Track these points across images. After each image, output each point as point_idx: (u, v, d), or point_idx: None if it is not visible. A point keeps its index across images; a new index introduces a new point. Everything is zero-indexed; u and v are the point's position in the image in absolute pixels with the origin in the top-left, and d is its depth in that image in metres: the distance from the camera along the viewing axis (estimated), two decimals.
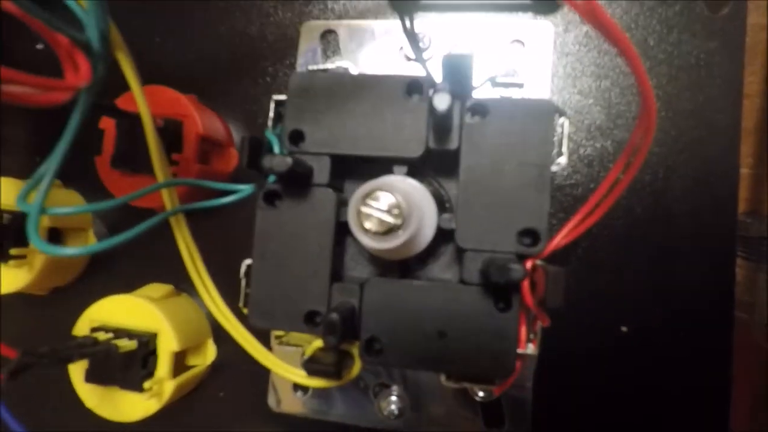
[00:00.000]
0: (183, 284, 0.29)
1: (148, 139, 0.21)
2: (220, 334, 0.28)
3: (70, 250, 0.16)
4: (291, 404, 0.27)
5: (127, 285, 0.29)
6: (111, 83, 0.20)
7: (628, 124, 0.24)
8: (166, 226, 0.29)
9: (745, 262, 0.32)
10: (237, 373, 0.28)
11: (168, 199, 0.21)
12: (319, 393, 0.26)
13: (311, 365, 0.20)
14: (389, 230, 0.17)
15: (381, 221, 0.16)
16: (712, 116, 0.24)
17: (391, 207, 0.17)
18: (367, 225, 0.17)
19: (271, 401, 0.27)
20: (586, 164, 0.25)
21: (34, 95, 0.13)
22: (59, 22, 0.15)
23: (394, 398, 0.26)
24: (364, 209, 0.17)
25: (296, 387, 0.27)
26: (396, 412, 0.25)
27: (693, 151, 0.24)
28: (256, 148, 0.20)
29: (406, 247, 0.19)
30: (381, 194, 0.17)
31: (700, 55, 0.24)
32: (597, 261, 0.24)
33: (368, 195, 0.17)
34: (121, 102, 0.25)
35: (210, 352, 0.28)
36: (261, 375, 0.27)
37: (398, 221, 0.17)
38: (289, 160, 0.19)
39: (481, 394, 0.25)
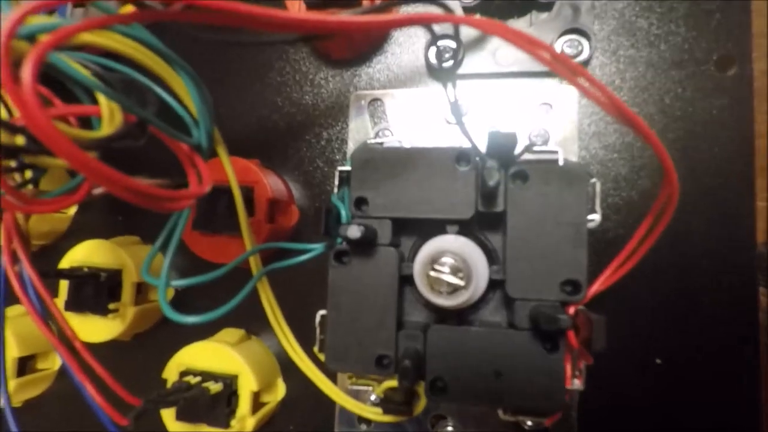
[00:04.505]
0: (252, 328, 0.32)
1: (237, 208, 0.25)
2: (287, 373, 0.32)
3: (191, 318, 0.19)
4: None
5: (200, 330, 0.32)
6: None
7: (651, 174, 0.27)
8: (234, 279, 0.32)
9: None
10: (304, 409, 0.31)
11: (254, 264, 0.25)
12: (382, 425, 0.29)
13: (387, 405, 0.23)
14: (455, 290, 0.20)
15: (449, 284, 0.20)
16: (727, 166, 0.26)
17: (456, 270, 0.20)
18: (437, 287, 0.20)
19: None
20: (615, 211, 0.28)
21: (161, 203, 0.17)
22: (176, 131, 0.19)
23: (450, 428, 0.28)
24: (433, 274, 0.20)
25: (360, 420, 0.30)
26: None
27: (711, 196, 0.27)
28: (328, 215, 0.24)
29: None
30: (445, 259, 0.20)
31: (713, 111, 0.27)
32: (629, 300, 0.27)
33: (435, 261, 0.20)
34: None
35: (280, 390, 0.31)
36: (327, 409, 0.30)
37: (462, 282, 0.20)
38: (361, 228, 0.22)
39: (529, 423, 0.28)
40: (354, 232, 0.22)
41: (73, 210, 0.35)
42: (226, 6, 0.15)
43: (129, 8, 0.20)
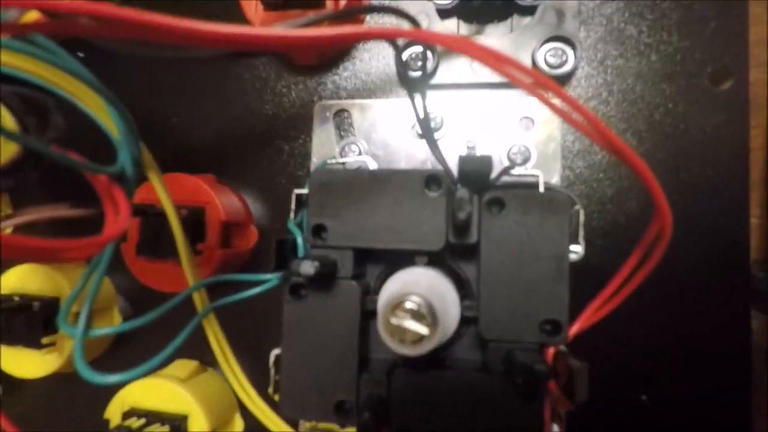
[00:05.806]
0: (207, 357, 0.30)
1: (176, 236, 0.22)
2: (246, 407, 0.29)
3: (111, 378, 0.16)
4: None
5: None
6: None
7: (639, 196, 0.25)
8: (186, 304, 0.30)
9: (763, 316, 0.32)
10: None
11: (198, 300, 0.22)
12: None
13: None
14: (420, 339, 0.17)
15: (412, 332, 0.17)
16: (720, 187, 0.24)
17: (420, 317, 0.17)
18: (398, 337, 0.17)
19: None
20: (600, 236, 0.25)
21: (59, 255, 0.14)
22: (87, 163, 0.16)
23: None
24: (394, 321, 0.17)
25: None
26: None
27: (702, 218, 0.25)
28: (282, 249, 0.21)
29: None
30: (409, 304, 0.17)
31: (706, 129, 0.25)
32: (613, 332, 0.25)
33: (396, 306, 0.17)
34: (141, 191, 0.25)
35: (237, 426, 0.28)
36: None
37: (426, 331, 0.17)
38: (315, 264, 0.20)
39: None
40: (307, 268, 0.19)
41: (8, 230, 0.32)
42: (143, 20, 0.12)
43: (33, 16, 0.17)
